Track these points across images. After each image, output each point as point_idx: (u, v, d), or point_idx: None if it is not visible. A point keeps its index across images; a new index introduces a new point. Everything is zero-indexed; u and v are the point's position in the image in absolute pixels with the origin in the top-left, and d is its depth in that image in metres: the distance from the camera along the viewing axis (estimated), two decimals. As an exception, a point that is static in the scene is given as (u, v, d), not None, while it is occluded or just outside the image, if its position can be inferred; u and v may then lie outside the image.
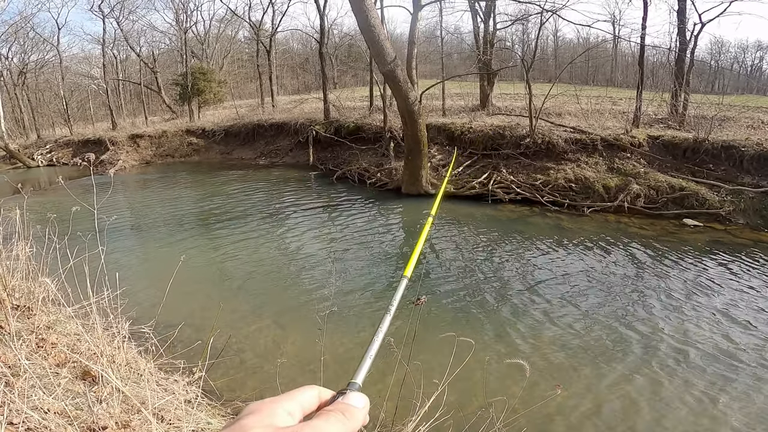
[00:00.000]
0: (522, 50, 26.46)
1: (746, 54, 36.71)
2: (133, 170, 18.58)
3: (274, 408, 0.43)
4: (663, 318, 5.40)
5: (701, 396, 4.01)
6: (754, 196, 9.09)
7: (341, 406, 0.46)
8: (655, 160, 10.59)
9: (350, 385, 0.52)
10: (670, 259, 7.31)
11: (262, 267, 7.38)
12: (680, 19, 13.09)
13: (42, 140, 23.40)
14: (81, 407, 2.39)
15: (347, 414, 0.45)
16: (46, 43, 27.09)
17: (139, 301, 5.46)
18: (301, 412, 0.46)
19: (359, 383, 0.53)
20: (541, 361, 4.59)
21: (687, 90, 12.77)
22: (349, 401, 0.47)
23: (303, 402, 0.46)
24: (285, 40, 39.93)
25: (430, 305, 5.84)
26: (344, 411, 0.45)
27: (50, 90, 29.17)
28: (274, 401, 0.44)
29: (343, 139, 15.96)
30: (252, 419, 0.41)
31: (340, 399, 0.48)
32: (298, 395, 0.47)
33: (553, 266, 7.10)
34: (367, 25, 9.78)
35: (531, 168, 11.43)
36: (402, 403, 3.08)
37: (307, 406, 0.47)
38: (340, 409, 0.46)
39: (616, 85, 28.16)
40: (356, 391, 0.50)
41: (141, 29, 28.73)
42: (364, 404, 0.48)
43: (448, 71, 19.94)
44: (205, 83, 24.38)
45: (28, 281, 4.19)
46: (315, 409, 0.47)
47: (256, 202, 12.08)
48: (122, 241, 8.76)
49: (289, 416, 0.44)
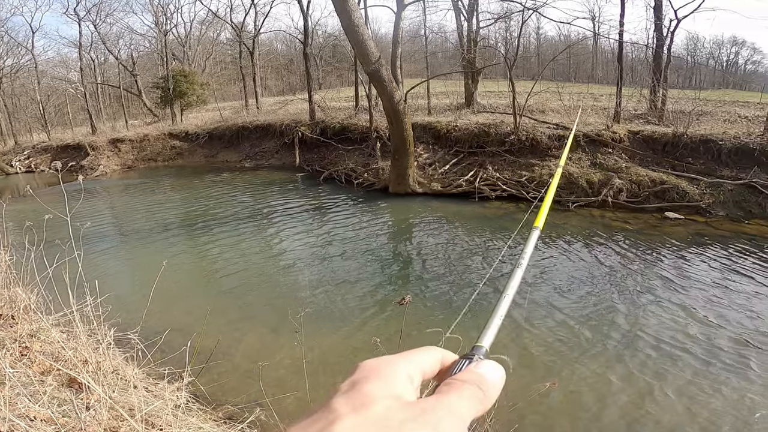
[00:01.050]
0: (505, 48, 26.73)
1: (722, 49, 37.65)
2: (115, 175, 18.26)
3: (395, 371, 0.37)
4: (644, 310, 5.51)
5: (680, 385, 4.11)
6: (733, 188, 9.32)
7: (474, 376, 0.38)
8: (636, 155, 10.80)
9: (475, 348, 0.43)
10: (652, 252, 7.46)
11: (249, 270, 7.32)
12: (657, 15, 13.38)
13: (20, 146, 22.86)
14: (68, 414, 2.35)
15: (483, 387, 0.37)
16: (20, 47, 26.46)
17: (124, 307, 5.36)
18: (421, 376, 0.39)
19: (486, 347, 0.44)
20: (526, 355, 4.64)
21: (665, 86, 13.05)
22: (482, 371, 0.39)
23: (424, 365, 0.40)
24: (268, 41, 39.63)
25: (417, 303, 5.88)
26: (479, 383, 0.38)
27: (26, 95, 28.49)
28: (394, 362, 0.38)
29: (329, 139, 15.91)
30: (374, 386, 0.35)
31: (469, 366, 0.40)
32: (419, 357, 0.40)
33: (539, 261, 7.19)
34: (350, 26, 9.78)
35: (516, 165, 11.55)
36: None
37: (428, 370, 0.40)
38: (475, 380, 0.38)
39: (597, 81, 28.61)
40: (489, 359, 0.42)
41: (119, 32, 28.28)
42: (500, 376, 0.40)
43: (432, 70, 20.04)
44: (187, 86, 24.06)
45: (9, 289, 4.09)
46: (436, 373, 0.41)
47: (242, 204, 11.98)
48: (105, 248, 8.60)
49: (411, 382, 0.37)
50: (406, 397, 0.35)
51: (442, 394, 0.36)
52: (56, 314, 3.87)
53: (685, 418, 3.71)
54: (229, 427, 3.12)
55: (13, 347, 3.12)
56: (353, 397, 0.34)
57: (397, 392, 0.35)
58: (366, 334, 5.01)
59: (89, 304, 3.50)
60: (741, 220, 8.74)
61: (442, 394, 0.36)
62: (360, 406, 0.33)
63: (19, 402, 2.29)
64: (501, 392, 0.39)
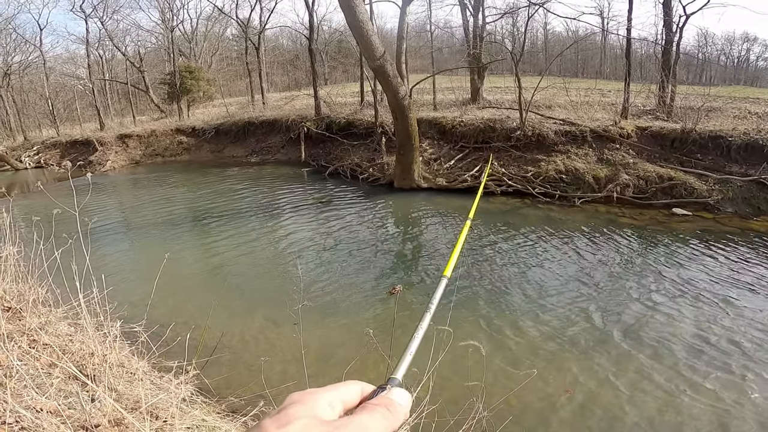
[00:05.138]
0: (512, 44, 26.52)
1: (733, 46, 37.10)
2: (123, 170, 18.41)
3: (316, 399, 0.44)
4: (650, 307, 5.48)
5: (680, 382, 4.08)
6: (742, 184, 9.21)
7: (385, 400, 0.46)
8: (643, 151, 10.69)
9: (390, 380, 0.51)
10: (659, 248, 7.40)
11: (254, 264, 7.37)
12: (666, 11, 13.19)
13: (29, 142, 23.09)
14: (74, 406, 2.38)
15: (391, 409, 0.45)
16: (28, 44, 26.67)
17: (131, 300, 5.43)
18: (342, 405, 0.46)
19: (399, 379, 0.52)
20: (523, 348, 4.64)
21: (674, 81, 12.88)
22: (392, 396, 0.47)
23: (344, 396, 0.46)
24: (274, 36, 39.67)
25: (415, 295, 5.89)
26: (388, 405, 0.45)
27: (35, 91, 28.74)
28: (316, 392, 0.45)
29: (334, 135, 15.91)
30: (296, 409, 0.41)
31: (382, 393, 0.48)
32: (340, 389, 0.47)
33: (544, 257, 7.16)
34: (355, 21, 9.75)
35: (522, 160, 11.48)
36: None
37: (348, 400, 0.47)
38: (384, 403, 0.45)
39: (605, 77, 28.33)
40: (398, 387, 0.49)
41: (126, 28, 28.40)
42: (407, 400, 0.48)
43: (438, 65, 19.94)
44: (193, 81, 24.14)
45: (18, 283, 4.15)
46: (356, 403, 0.47)
47: (248, 199, 12.03)
48: (113, 242, 8.69)
49: (331, 408, 0.44)
50: (324, 418, 0.42)
51: (356, 414, 0.44)
52: (64, 307, 3.92)
53: (699, 417, 3.70)
54: (232, 420, 3.16)
55: (22, 340, 3.17)
56: (278, 418, 0.40)
57: (316, 413, 0.42)
58: (364, 324, 5.04)
59: (96, 297, 3.55)
60: (749, 217, 8.64)
61: (356, 414, 0.44)
62: (283, 424, 0.39)
63: (26, 394, 2.33)
64: (409, 414, 0.47)
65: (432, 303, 0.78)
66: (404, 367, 0.56)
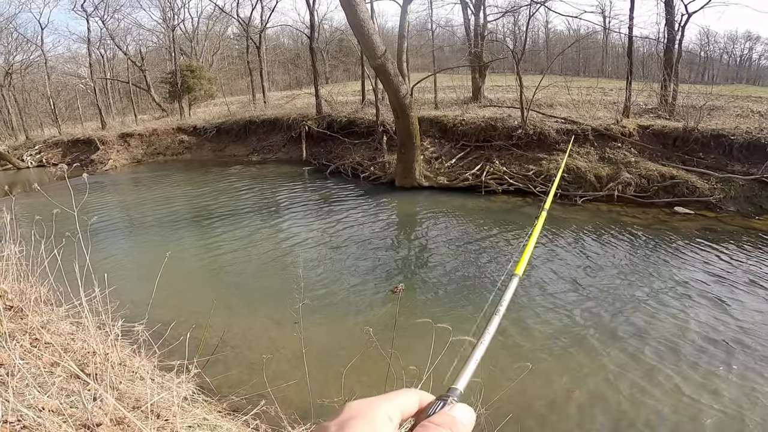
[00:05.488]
0: (513, 42, 26.46)
1: (735, 44, 36.97)
2: (125, 169, 18.43)
3: (375, 412, 0.42)
4: (652, 306, 5.47)
5: (679, 380, 4.08)
6: (744, 183, 9.19)
7: (447, 419, 0.43)
8: (645, 150, 10.66)
9: (451, 390, 0.48)
10: (661, 247, 7.39)
11: (255, 263, 7.37)
12: (667, 9, 13.15)
13: (31, 141, 23.11)
14: (76, 405, 2.39)
15: (454, 429, 0.42)
16: (30, 43, 26.70)
17: (132, 299, 5.43)
18: (400, 416, 0.44)
19: (461, 389, 0.49)
20: (523, 345, 4.64)
21: (676, 80, 12.84)
22: (455, 414, 0.44)
23: (403, 406, 0.45)
24: (275, 35, 39.65)
25: (415, 294, 5.89)
26: (451, 426, 0.42)
27: (37, 90, 28.78)
28: (375, 404, 0.43)
29: (335, 133, 15.91)
30: (359, 427, 0.40)
31: (443, 408, 0.45)
32: (398, 398, 0.45)
33: (545, 255, 7.16)
34: (356, 20, 9.73)
35: (523, 159, 11.46)
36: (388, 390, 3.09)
37: (407, 410, 0.45)
38: (447, 423, 0.43)
39: (607, 75, 28.26)
40: (461, 402, 0.46)
41: (127, 27, 28.43)
42: (470, 419, 0.45)
43: (439, 64, 19.92)
44: (194, 80, 24.16)
45: (20, 282, 4.16)
46: (414, 413, 0.45)
47: (250, 198, 12.04)
48: (115, 241, 8.71)
49: (390, 421, 0.42)
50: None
51: None
52: (65, 306, 3.93)
53: (690, 414, 3.69)
54: (233, 418, 3.16)
55: (24, 339, 3.18)
56: None
57: (376, 428, 0.40)
58: (365, 323, 5.05)
59: (97, 296, 3.55)
60: (752, 216, 8.62)
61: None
62: None
63: (28, 393, 2.33)
64: None
65: (501, 305, 0.72)
66: (467, 376, 0.52)
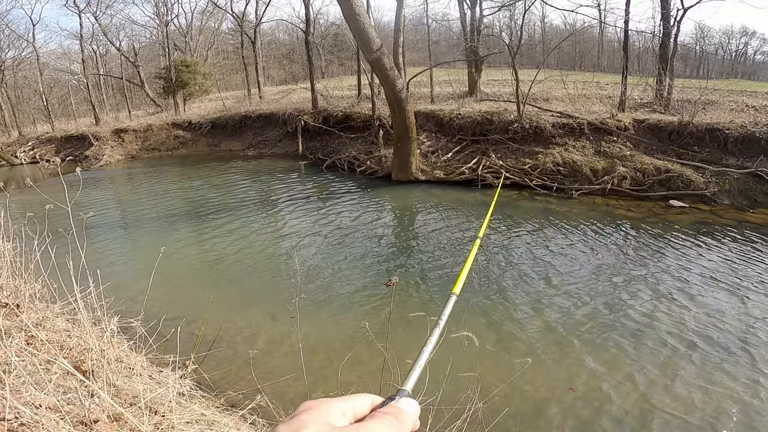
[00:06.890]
0: (509, 36, 26.39)
1: (731, 39, 37.04)
2: (119, 165, 18.31)
3: (329, 407, 0.45)
4: (648, 300, 5.50)
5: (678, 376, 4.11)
6: (739, 177, 9.24)
7: (393, 409, 0.48)
8: (640, 143, 10.70)
9: (400, 392, 0.53)
10: (656, 240, 7.42)
11: (252, 258, 7.35)
12: (663, 4, 13.14)
13: (24, 137, 22.89)
14: (73, 402, 2.38)
15: (399, 417, 0.47)
16: (21, 39, 26.38)
17: (128, 295, 5.42)
18: (353, 415, 0.47)
19: (409, 390, 0.54)
20: (520, 340, 4.66)
21: (671, 74, 12.86)
22: (400, 405, 0.49)
23: (356, 406, 0.48)
24: (270, 30, 39.36)
25: (409, 288, 5.90)
26: (396, 414, 0.47)
27: (29, 87, 28.48)
28: (329, 401, 0.46)
29: (332, 128, 15.86)
30: (309, 415, 0.43)
31: (391, 403, 0.50)
32: (352, 399, 0.49)
33: (541, 248, 7.18)
34: (351, 14, 9.67)
35: (519, 152, 11.48)
36: (384, 385, 3.11)
37: (359, 411, 0.48)
38: (392, 412, 0.47)
39: (603, 70, 28.26)
40: (407, 397, 0.51)
41: (120, 23, 28.09)
42: (414, 409, 0.50)
43: (435, 59, 19.86)
44: (189, 75, 23.97)
45: (14, 279, 4.13)
46: (367, 414, 0.49)
47: (246, 193, 12.00)
48: (109, 236, 8.66)
49: (342, 417, 0.46)
50: (335, 425, 0.44)
51: (365, 421, 0.46)
52: (61, 303, 3.91)
53: (691, 408, 3.73)
54: (230, 414, 3.17)
55: (19, 336, 3.16)
56: (291, 423, 0.42)
57: (329, 420, 0.44)
58: (361, 317, 5.06)
59: (93, 292, 3.54)
60: (746, 209, 8.67)
61: (365, 421, 0.46)
62: (296, 429, 0.42)
63: (24, 390, 2.32)
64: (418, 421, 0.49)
65: (441, 319, 0.79)
66: (413, 379, 0.58)
